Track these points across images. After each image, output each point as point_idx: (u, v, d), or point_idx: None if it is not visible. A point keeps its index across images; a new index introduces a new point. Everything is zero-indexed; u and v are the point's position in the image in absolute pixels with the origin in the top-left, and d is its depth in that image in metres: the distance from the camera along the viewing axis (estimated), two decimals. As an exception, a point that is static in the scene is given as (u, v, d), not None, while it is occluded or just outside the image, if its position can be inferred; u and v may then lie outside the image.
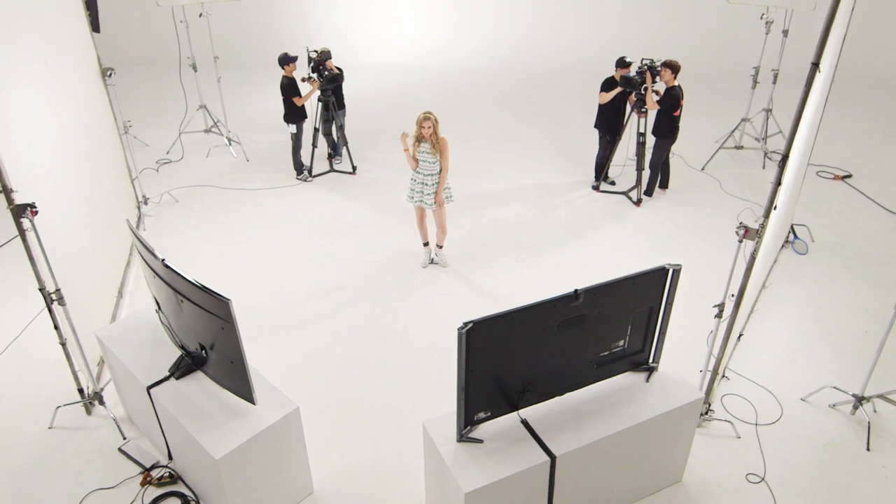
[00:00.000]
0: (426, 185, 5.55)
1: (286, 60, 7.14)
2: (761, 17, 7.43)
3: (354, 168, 7.88)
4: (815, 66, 2.99)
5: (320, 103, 7.51)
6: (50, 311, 3.94)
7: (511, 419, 3.43)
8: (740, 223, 3.59)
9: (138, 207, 6.80)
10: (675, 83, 6.67)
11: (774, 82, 7.80)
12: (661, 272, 3.38)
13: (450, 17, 12.10)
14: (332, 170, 7.96)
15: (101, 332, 4.12)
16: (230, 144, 8.44)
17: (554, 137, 9.08)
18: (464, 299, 5.66)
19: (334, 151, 8.08)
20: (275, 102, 10.29)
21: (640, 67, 6.69)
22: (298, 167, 7.75)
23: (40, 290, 3.87)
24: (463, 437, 3.29)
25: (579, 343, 3.36)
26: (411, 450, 4.13)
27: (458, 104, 10.28)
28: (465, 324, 2.93)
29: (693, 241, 6.49)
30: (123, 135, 6.40)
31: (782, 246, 6.21)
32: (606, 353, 3.52)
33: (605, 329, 3.41)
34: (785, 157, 3.24)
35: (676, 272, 3.40)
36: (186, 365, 3.71)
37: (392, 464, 4.09)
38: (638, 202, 7.14)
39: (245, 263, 6.17)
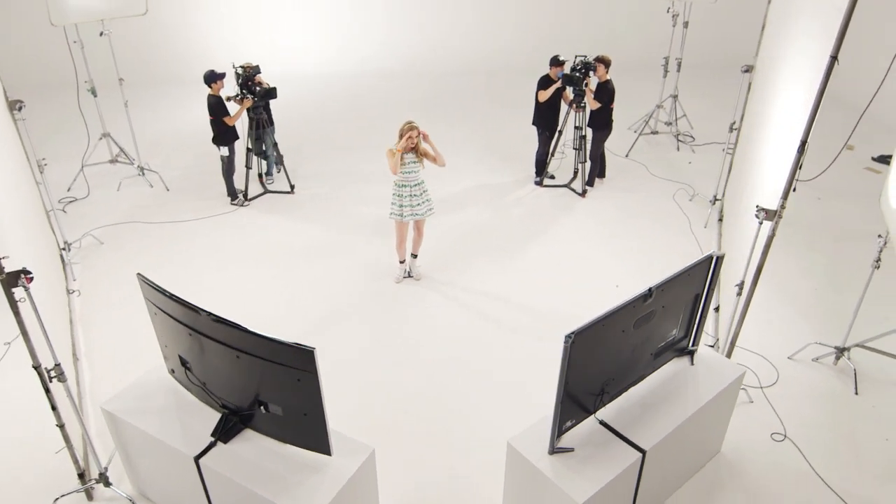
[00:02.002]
0: (414, 195, 5.42)
1: (213, 78, 6.58)
2: (668, 11, 8.02)
3: (293, 187, 7.47)
4: (834, 58, 3.29)
5: (251, 122, 7.03)
6: (47, 391, 3.37)
7: (586, 423, 3.46)
8: (758, 206, 3.87)
9: (61, 256, 5.97)
10: (608, 77, 7.02)
11: (678, 70, 8.45)
12: (708, 260, 3.57)
13: (343, 23, 11.83)
14: (266, 191, 7.49)
15: (107, 404, 3.58)
16: (143, 174, 7.65)
17: (477, 136, 9.20)
18: (458, 309, 5.58)
19: (267, 171, 7.62)
20: (178, 122, 9.59)
21: (575, 64, 6.95)
22: (232, 192, 7.20)
23: (35, 367, 3.30)
24: (555, 449, 3.27)
25: (647, 338, 3.47)
26: (468, 470, 4.03)
27: (371, 109, 10.09)
28: (569, 336, 2.92)
29: (642, 225, 6.88)
30: (40, 175, 5.58)
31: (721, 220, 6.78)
32: (663, 343, 3.66)
33: (665, 321, 3.54)
34: (804, 143, 3.54)
35: (720, 259, 3.60)
36: (233, 425, 3.34)
37: (459, 487, 3.96)
38: (583, 193, 7.43)
39: (210, 304, 5.61)
